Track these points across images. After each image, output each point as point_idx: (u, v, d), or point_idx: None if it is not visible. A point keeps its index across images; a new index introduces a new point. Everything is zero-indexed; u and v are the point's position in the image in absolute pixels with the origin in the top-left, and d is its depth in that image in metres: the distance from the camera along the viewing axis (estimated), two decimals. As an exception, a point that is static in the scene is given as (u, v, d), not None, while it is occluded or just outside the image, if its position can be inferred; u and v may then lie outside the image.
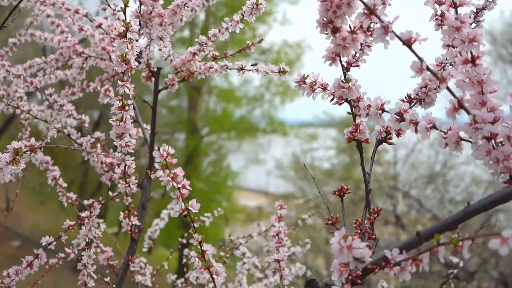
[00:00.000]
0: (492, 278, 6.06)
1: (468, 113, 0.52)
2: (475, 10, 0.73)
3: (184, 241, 1.48)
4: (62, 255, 1.15)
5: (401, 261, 0.52)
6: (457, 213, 0.52)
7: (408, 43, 0.52)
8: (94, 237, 1.00)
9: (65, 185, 1.13)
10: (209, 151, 11.53)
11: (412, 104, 0.71)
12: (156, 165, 0.63)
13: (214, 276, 0.66)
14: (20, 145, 0.67)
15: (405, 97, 0.71)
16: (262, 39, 1.03)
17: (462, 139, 0.56)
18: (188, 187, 0.65)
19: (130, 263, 1.01)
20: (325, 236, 6.99)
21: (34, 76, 1.33)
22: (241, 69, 0.97)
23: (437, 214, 6.36)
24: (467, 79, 0.56)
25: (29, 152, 0.66)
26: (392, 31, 0.51)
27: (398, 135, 0.69)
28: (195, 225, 1.48)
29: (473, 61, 0.55)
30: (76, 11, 1.12)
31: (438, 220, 6.67)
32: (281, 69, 0.87)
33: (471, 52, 0.55)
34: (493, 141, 0.54)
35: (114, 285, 0.96)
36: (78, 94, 1.24)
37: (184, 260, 1.40)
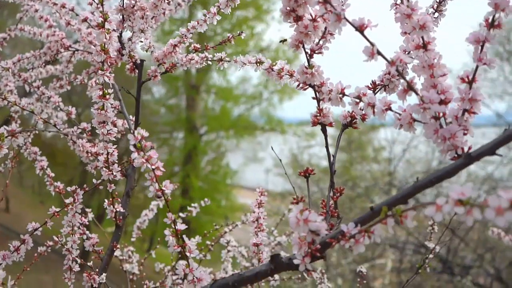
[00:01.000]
0: (488, 274, 6.10)
1: (417, 94, 0.56)
2: (438, 0, 0.76)
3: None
4: (50, 243, 1.18)
5: (356, 234, 0.56)
6: (407, 187, 0.55)
7: (360, 29, 0.55)
8: (81, 224, 1.04)
9: (52, 174, 1.16)
10: (207, 150, 11.57)
11: (377, 90, 0.74)
12: (131, 148, 0.66)
13: (187, 254, 0.69)
14: (1, 131, 0.70)
15: (370, 84, 0.74)
16: (242, 32, 1.07)
17: (415, 120, 0.59)
18: (162, 169, 0.68)
19: (114, 249, 1.04)
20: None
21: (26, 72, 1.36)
22: (220, 60, 1.00)
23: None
24: (421, 63, 0.60)
25: (10, 137, 0.70)
26: (345, 18, 0.55)
27: (363, 119, 0.72)
28: (186, 214, 1.49)
29: (424, 46, 0.59)
30: (63, 6, 1.15)
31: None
32: (258, 60, 0.90)
33: (422, 38, 0.58)
34: (442, 120, 0.57)
35: (97, 269, 1.00)
36: (66, 87, 1.28)
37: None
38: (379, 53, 0.55)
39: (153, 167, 0.67)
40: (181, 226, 0.70)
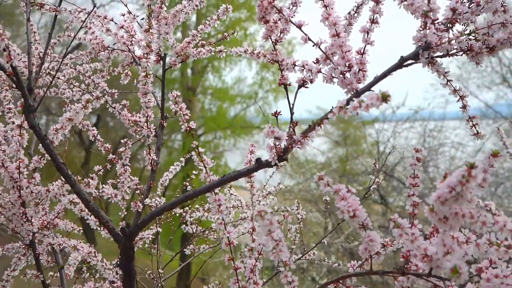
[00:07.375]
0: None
1: (331, 60, 1.01)
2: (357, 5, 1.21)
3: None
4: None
5: (301, 139, 1.00)
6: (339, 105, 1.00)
7: (299, 26, 1.00)
8: (125, 170, 1.48)
9: (102, 140, 1.61)
10: (206, 150, 11.97)
11: (319, 63, 1.19)
12: (170, 102, 1.11)
13: (206, 165, 1.14)
14: (88, 96, 1.15)
15: (315, 59, 1.19)
16: (235, 31, 1.52)
17: (333, 77, 1.04)
18: (188, 114, 1.13)
19: (151, 185, 1.49)
20: (323, 228, 7.49)
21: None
22: (220, 51, 1.46)
23: (421, 193, 6.87)
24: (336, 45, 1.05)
25: (96, 100, 1.15)
26: (290, 20, 1.00)
27: (311, 82, 1.17)
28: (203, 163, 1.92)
29: (337, 34, 1.04)
30: (105, 17, 1.60)
31: (422, 199, 7.20)
32: (246, 49, 1.36)
33: (335, 30, 1.04)
34: (347, 74, 1.02)
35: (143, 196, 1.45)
36: (106, 77, 1.72)
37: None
38: (309, 39, 1.00)
39: (184, 113, 1.12)
40: (201, 149, 1.15)
